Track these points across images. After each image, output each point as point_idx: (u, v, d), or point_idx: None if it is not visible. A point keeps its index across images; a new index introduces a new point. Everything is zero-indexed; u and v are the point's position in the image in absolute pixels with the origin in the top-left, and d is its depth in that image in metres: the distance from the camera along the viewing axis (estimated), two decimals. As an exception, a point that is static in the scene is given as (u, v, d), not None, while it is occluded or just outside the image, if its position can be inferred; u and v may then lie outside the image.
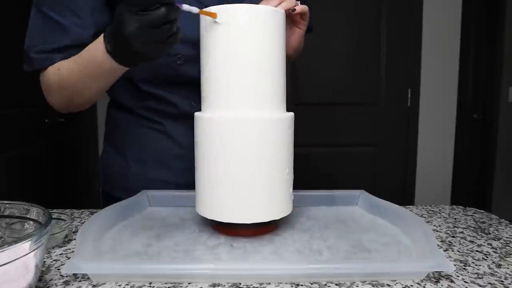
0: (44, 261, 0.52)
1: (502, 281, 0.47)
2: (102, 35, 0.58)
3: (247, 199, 0.57)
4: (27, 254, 0.38)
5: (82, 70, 0.62)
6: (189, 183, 0.77)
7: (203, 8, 0.58)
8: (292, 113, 0.61)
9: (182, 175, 0.79)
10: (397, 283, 0.47)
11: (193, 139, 0.73)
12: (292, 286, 0.46)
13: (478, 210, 0.78)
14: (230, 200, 0.57)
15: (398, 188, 2.35)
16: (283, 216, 0.60)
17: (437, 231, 0.66)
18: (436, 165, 2.36)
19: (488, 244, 0.60)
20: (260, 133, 0.56)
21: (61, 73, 0.66)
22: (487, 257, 0.55)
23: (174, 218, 0.67)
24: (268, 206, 0.58)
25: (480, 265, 0.52)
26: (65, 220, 0.60)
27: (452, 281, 0.47)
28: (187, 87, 0.75)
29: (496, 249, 0.58)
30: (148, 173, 0.79)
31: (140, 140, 0.79)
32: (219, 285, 0.46)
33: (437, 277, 0.48)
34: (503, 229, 0.66)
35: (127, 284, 0.46)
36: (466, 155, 2.69)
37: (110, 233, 0.61)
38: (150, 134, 0.79)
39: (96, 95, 0.69)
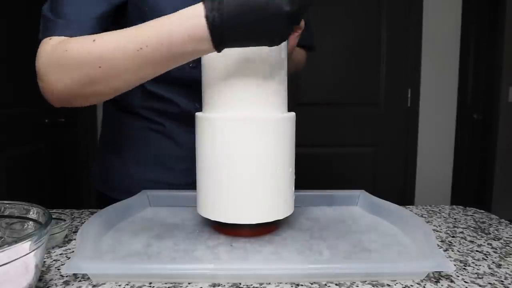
0: (44, 261, 0.52)
1: (502, 281, 0.47)
2: (201, 6, 0.47)
3: (251, 200, 0.56)
4: (27, 254, 0.38)
5: (141, 48, 0.50)
6: (188, 184, 0.78)
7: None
8: (293, 113, 0.61)
9: (182, 176, 0.79)
10: (397, 283, 0.47)
11: (194, 141, 0.73)
12: (292, 286, 0.46)
13: (478, 210, 0.78)
14: (234, 201, 0.57)
15: (398, 188, 2.35)
16: (286, 216, 0.60)
17: (437, 231, 0.66)
18: (436, 165, 2.36)
19: (488, 244, 0.60)
20: (264, 133, 0.56)
21: (98, 46, 0.52)
22: (487, 257, 0.55)
23: (174, 218, 0.67)
24: (272, 206, 0.58)
25: (480, 265, 0.52)
26: (65, 220, 0.60)
27: (452, 281, 0.47)
28: (193, 89, 0.73)
29: (496, 249, 0.58)
30: (147, 174, 0.79)
31: (140, 141, 0.79)
32: (219, 285, 0.46)
33: (437, 277, 0.48)
34: (503, 229, 0.66)
35: (127, 284, 0.46)
36: (466, 155, 2.69)
37: (110, 233, 0.61)
38: (150, 135, 0.78)
39: (133, 84, 0.56)
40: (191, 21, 0.47)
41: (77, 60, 0.53)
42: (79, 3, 0.61)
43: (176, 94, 0.75)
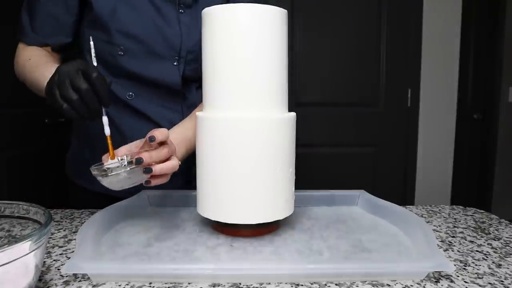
0: (44, 261, 0.52)
1: (502, 281, 0.47)
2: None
3: (251, 200, 0.56)
4: (27, 254, 0.38)
5: (32, 80, 0.70)
6: None
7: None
8: (294, 113, 0.61)
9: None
10: (397, 283, 0.47)
11: (134, 130, 0.77)
12: (292, 286, 0.46)
13: (478, 210, 0.78)
14: (234, 201, 0.57)
15: (398, 188, 2.35)
16: (286, 216, 0.60)
17: (437, 231, 0.66)
18: (436, 165, 2.36)
19: (488, 244, 0.60)
20: (264, 133, 0.56)
21: (24, 64, 0.74)
22: (487, 257, 0.55)
23: (174, 218, 0.67)
24: (273, 206, 0.58)
25: (480, 265, 0.52)
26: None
27: (452, 281, 0.47)
28: (126, 78, 0.77)
29: (496, 249, 0.58)
30: (98, 161, 0.80)
31: (93, 127, 0.81)
32: (219, 285, 0.46)
33: (437, 277, 0.48)
34: (503, 229, 0.66)
35: (127, 284, 0.46)
36: (466, 155, 2.68)
37: (110, 233, 0.61)
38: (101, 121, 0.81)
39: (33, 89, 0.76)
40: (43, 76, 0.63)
41: (17, 67, 0.78)
42: (49, 17, 0.76)
43: (113, 81, 0.78)
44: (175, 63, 0.78)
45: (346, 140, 2.28)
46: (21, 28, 0.78)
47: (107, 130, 0.57)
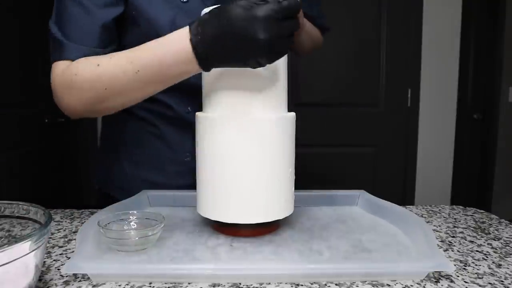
0: (44, 261, 0.52)
1: (502, 281, 0.47)
2: (186, 31, 0.52)
3: (251, 199, 0.56)
4: (27, 254, 0.38)
5: (138, 71, 0.56)
6: (180, 186, 0.78)
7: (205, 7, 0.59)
8: (293, 113, 0.61)
9: (173, 178, 0.79)
10: (397, 283, 0.47)
11: (185, 144, 0.75)
12: (292, 286, 0.46)
13: (478, 210, 0.78)
14: (234, 201, 0.57)
15: (398, 188, 2.35)
16: (286, 216, 0.60)
17: (437, 231, 0.66)
18: (436, 165, 2.36)
19: (488, 244, 0.60)
20: (264, 133, 0.56)
21: (102, 70, 0.58)
22: (487, 257, 0.55)
23: (174, 218, 0.67)
24: (272, 206, 0.58)
25: (480, 265, 0.52)
26: (156, 221, 0.57)
27: (452, 281, 0.47)
28: (185, 92, 0.74)
29: (496, 249, 0.58)
30: (141, 174, 0.80)
31: (135, 142, 0.80)
32: (219, 285, 0.46)
33: (437, 277, 0.48)
34: (503, 229, 0.66)
35: (127, 284, 0.46)
36: (466, 155, 2.68)
37: (110, 233, 0.60)
38: (145, 136, 0.79)
39: (139, 100, 0.62)
40: (177, 45, 0.53)
41: (86, 83, 0.59)
42: (81, 19, 0.64)
43: (167, 96, 0.75)
44: None
45: (346, 140, 2.29)
46: (58, 46, 0.64)
47: None
